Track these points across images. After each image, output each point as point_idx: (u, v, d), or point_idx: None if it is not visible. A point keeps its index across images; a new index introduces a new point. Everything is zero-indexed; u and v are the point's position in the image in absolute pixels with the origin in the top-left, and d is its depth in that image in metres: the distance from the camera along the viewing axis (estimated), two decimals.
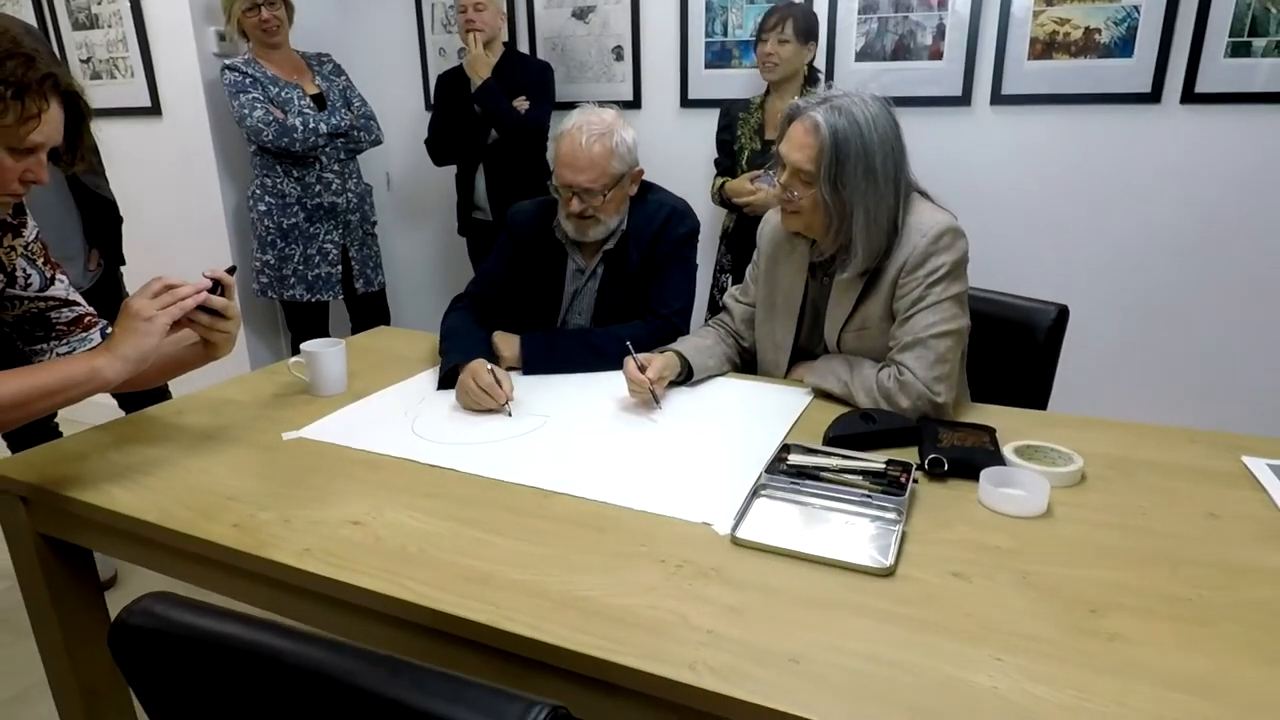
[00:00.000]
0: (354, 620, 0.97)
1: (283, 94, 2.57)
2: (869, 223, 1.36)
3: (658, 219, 1.78)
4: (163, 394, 2.04)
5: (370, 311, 2.96)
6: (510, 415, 1.43)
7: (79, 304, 1.34)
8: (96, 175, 2.14)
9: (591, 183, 1.64)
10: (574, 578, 0.95)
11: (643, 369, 1.43)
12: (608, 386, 1.57)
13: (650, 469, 1.23)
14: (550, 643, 0.83)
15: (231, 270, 1.28)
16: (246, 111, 2.50)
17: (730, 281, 2.80)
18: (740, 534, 1.02)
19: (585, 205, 1.67)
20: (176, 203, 3.00)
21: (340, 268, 2.76)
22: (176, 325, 1.20)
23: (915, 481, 1.13)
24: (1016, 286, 1.81)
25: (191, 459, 1.28)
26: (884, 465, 1.16)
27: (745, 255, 2.73)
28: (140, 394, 1.97)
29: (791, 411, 1.43)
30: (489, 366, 1.48)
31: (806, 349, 1.60)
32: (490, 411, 1.45)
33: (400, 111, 3.46)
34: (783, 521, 1.05)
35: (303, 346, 1.54)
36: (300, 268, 2.69)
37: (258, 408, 1.50)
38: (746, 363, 1.71)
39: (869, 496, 1.08)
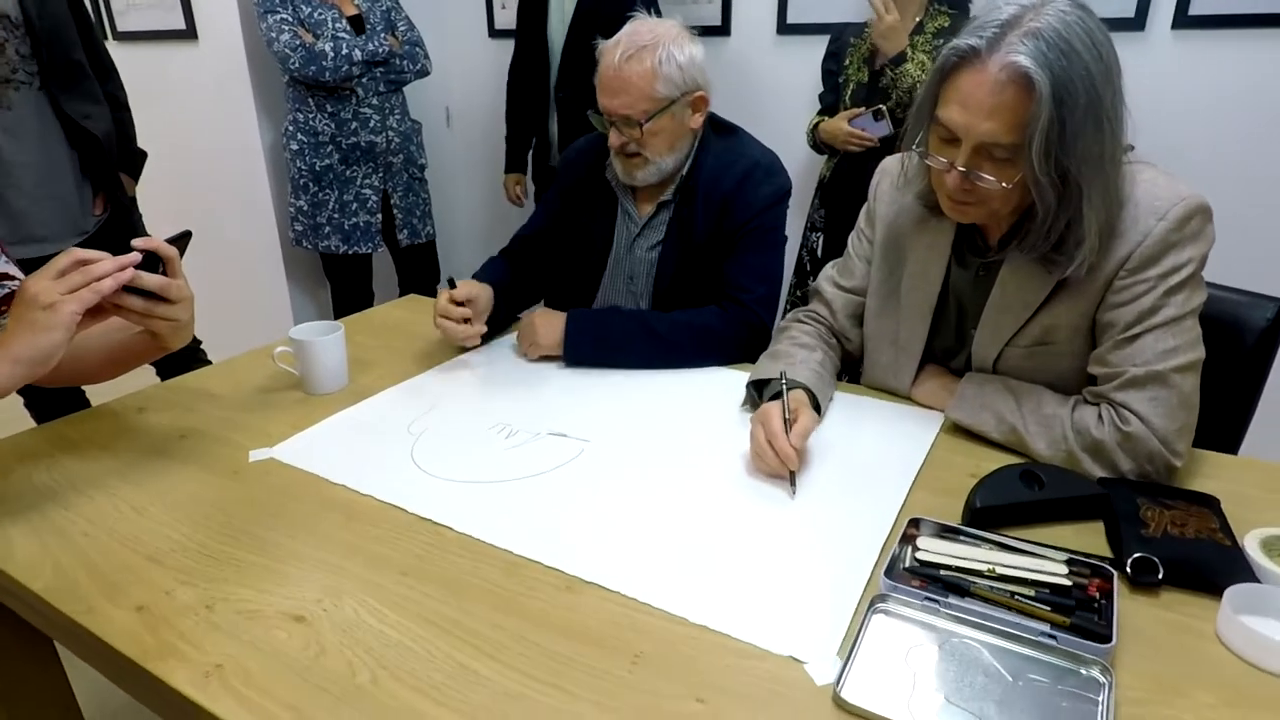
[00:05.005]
0: None
1: (315, 14, 2.24)
2: (1105, 198, 0.91)
3: (733, 173, 1.39)
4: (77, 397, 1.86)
5: (417, 266, 2.67)
6: (479, 344, 1.39)
7: (13, 278, 1.06)
8: (87, 102, 1.85)
9: (628, 108, 1.31)
10: None
11: (789, 426, 0.99)
12: (671, 397, 1.22)
13: (715, 550, 0.87)
14: None
15: (182, 237, 0.97)
16: (274, 35, 2.19)
17: (822, 244, 2.36)
18: (848, 693, 0.66)
19: (625, 138, 1.34)
20: (210, 138, 2.74)
21: (380, 217, 2.46)
22: (99, 311, 0.90)
23: (1111, 598, 0.74)
24: (1215, 273, 1.34)
25: (127, 486, 1.00)
26: (1066, 569, 0.77)
27: (843, 211, 2.29)
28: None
29: (915, 451, 1.04)
30: (450, 290, 1.35)
31: (939, 360, 1.20)
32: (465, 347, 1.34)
33: (463, 36, 3.10)
34: (914, 669, 0.69)
35: (291, 333, 1.24)
36: (335, 215, 2.40)
37: (235, 407, 1.21)
38: (846, 367, 1.31)
39: (1051, 637, 0.70)
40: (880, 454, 1.05)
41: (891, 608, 0.74)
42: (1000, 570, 0.77)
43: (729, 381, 1.28)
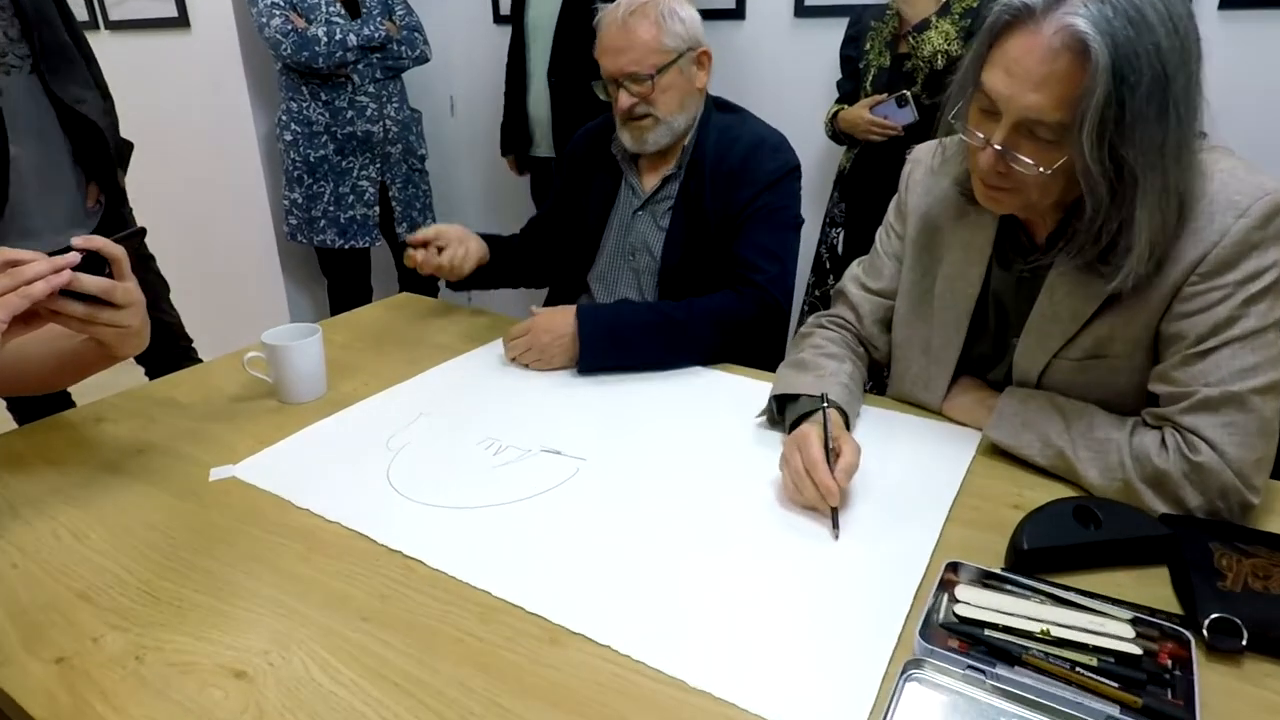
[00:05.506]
0: None
1: None
2: (1162, 199, 0.78)
3: (738, 149, 1.33)
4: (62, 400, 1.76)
5: None
6: (455, 275, 1.38)
7: None
8: (79, 86, 1.76)
9: (635, 64, 1.27)
10: None
11: (831, 457, 0.86)
12: (677, 407, 1.11)
13: (722, 598, 0.76)
14: None
15: (134, 235, 0.87)
16: (265, 20, 2.09)
17: (842, 240, 2.24)
18: None
19: (634, 99, 1.29)
20: (203, 129, 2.65)
21: (377, 210, 2.36)
22: (34, 317, 0.80)
23: (1188, 669, 0.63)
24: None
25: (69, 508, 0.90)
26: (1132, 630, 0.66)
27: (865, 205, 2.17)
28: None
29: (950, 477, 0.93)
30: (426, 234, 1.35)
31: (975, 371, 1.08)
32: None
33: (466, 22, 2.99)
34: None
35: (264, 337, 1.14)
36: (331, 209, 2.30)
37: (202, 417, 1.12)
38: (872, 376, 1.20)
39: None
40: (911, 479, 0.93)
41: (928, 675, 0.63)
42: (1056, 632, 0.66)
43: (739, 390, 1.17)
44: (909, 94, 2.00)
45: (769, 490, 0.92)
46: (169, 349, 1.92)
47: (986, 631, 0.65)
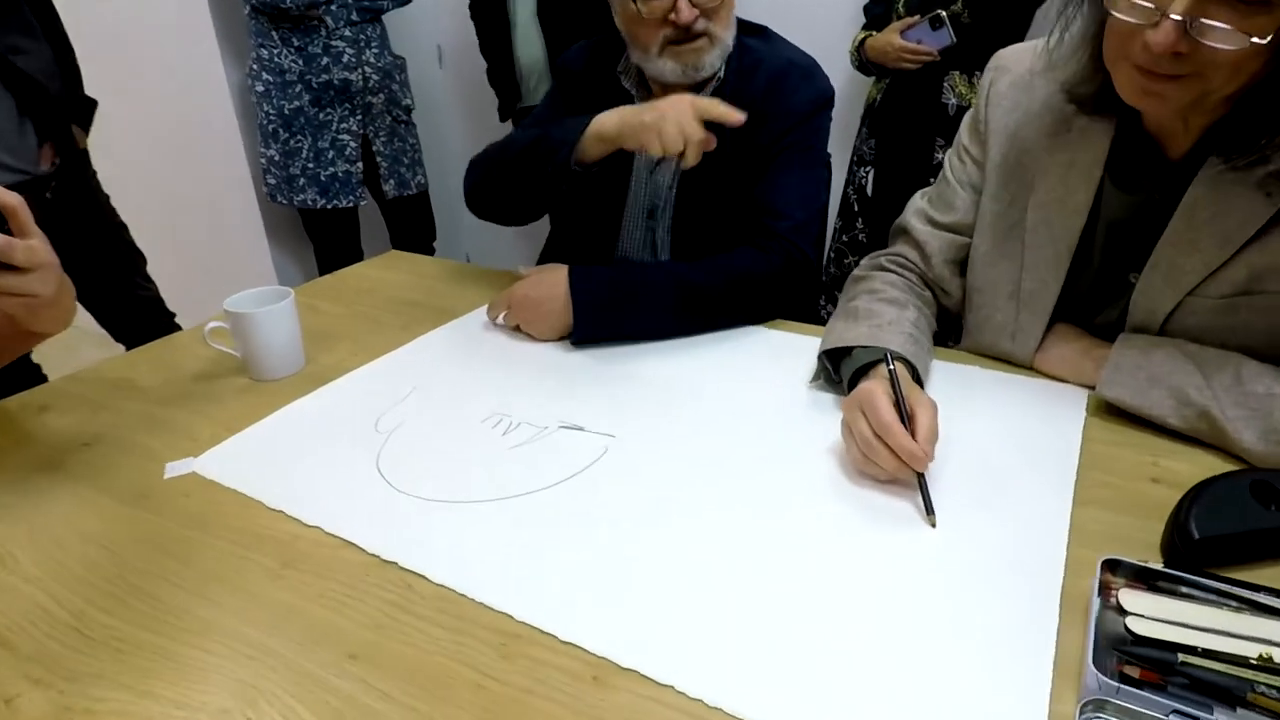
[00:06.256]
0: None
1: None
2: None
3: (763, 74, 1.13)
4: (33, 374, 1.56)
5: (409, 221, 2.38)
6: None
7: None
8: (18, 35, 1.56)
9: None
10: None
11: (907, 421, 0.70)
12: (712, 368, 0.94)
13: (814, 608, 0.60)
14: None
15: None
16: None
17: (872, 179, 2.05)
18: None
19: (697, 10, 1.05)
20: (172, 81, 2.43)
21: (360, 165, 2.16)
22: None
23: None
24: None
25: None
26: None
27: (898, 141, 1.96)
28: None
29: (1065, 447, 0.76)
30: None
31: (1075, 316, 0.91)
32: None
33: None
34: None
35: (227, 304, 0.97)
36: (310, 165, 2.10)
37: (160, 401, 0.95)
38: (941, 326, 1.03)
39: None
40: (1008, 449, 0.77)
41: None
42: (1253, 645, 0.50)
43: (787, 347, 1.00)
44: (943, 14, 1.79)
45: (836, 466, 0.75)
46: (153, 326, 1.75)
47: (1181, 658, 0.49)
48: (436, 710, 0.52)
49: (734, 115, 0.95)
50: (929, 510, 0.67)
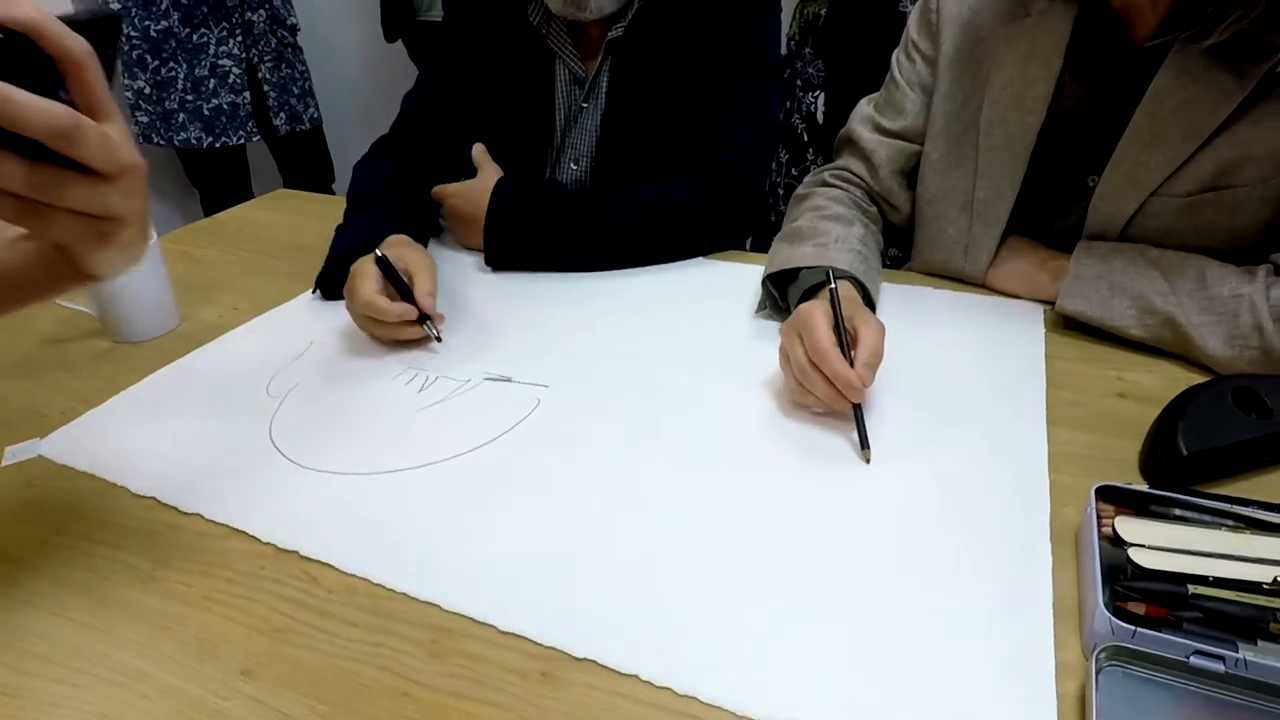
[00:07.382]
0: None
1: None
2: None
3: None
4: None
5: (303, 159, 2.17)
6: (438, 341, 0.79)
7: None
8: None
9: None
10: None
11: (846, 349, 0.63)
12: (652, 304, 0.86)
13: (778, 583, 0.53)
14: None
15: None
16: None
17: (822, 105, 1.94)
18: None
19: None
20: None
21: (248, 95, 1.93)
22: None
23: None
24: None
25: None
26: None
27: (849, 59, 1.86)
28: None
29: (1026, 368, 0.71)
30: (375, 273, 0.78)
31: (1031, 225, 0.85)
32: (405, 342, 0.80)
33: None
34: None
35: None
36: (189, 98, 1.87)
37: (6, 371, 0.80)
38: (891, 244, 0.96)
39: None
40: (968, 372, 0.71)
41: (1132, 667, 0.42)
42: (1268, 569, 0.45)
43: (722, 277, 0.92)
44: None
45: (772, 401, 0.68)
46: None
47: (1192, 589, 0.44)
48: None
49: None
50: (864, 444, 0.61)
